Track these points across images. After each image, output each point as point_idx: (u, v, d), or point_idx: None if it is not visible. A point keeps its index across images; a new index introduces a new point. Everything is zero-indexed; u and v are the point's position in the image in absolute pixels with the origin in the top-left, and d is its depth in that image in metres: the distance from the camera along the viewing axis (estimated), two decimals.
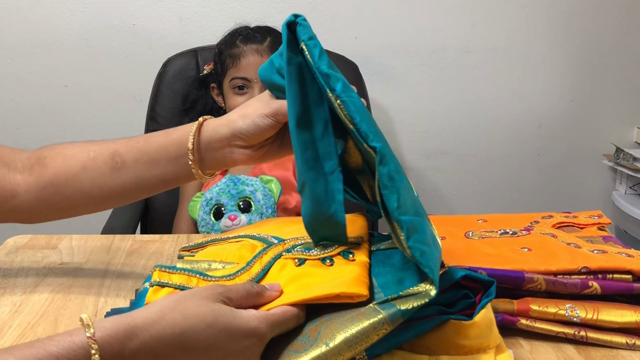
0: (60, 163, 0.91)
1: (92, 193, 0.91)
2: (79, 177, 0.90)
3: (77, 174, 0.90)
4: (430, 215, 1.17)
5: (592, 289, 0.84)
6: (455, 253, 0.93)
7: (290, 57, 0.78)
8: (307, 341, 0.67)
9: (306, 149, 0.77)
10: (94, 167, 0.90)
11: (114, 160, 0.90)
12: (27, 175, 0.92)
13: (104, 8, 2.16)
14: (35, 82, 2.20)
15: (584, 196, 2.50)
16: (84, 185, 0.91)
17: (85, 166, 0.90)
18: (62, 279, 1.03)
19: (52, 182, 0.91)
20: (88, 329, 0.60)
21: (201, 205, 1.66)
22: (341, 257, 0.78)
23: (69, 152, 0.92)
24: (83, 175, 0.90)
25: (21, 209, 0.92)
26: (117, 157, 0.90)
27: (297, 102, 0.77)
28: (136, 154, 0.90)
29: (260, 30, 1.83)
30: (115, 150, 0.90)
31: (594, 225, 1.05)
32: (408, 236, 0.69)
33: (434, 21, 2.27)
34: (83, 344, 0.59)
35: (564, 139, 2.44)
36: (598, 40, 2.35)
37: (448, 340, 0.70)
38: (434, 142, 2.39)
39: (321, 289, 0.71)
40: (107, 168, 0.90)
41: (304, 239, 0.83)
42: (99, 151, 0.91)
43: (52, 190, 0.91)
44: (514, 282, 0.84)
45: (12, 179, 0.92)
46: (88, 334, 0.60)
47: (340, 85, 0.74)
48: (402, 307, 0.66)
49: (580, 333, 0.83)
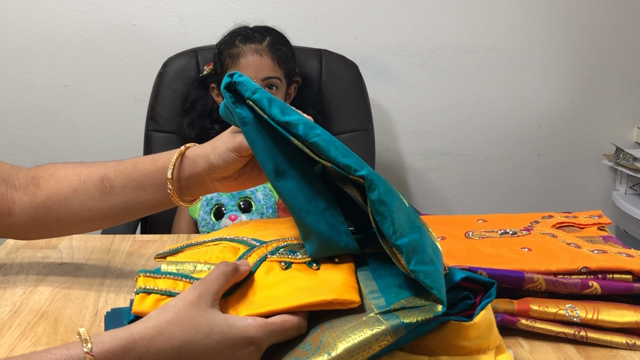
0: (53, 185, 0.94)
1: (82, 215, 0.94)
2: (70, 200, 0.93)
3: (68, 197, 0.93)
4: (430, 215, 1.20)
5: (592, 289, 0.84)
6: (455, 253, 0.92)
7: (242, 117, 0.78)
8: (308, 349, 0.67)
9: (295, 198, 0.76)
10: (84, 191, 0.93)
11: (103, 185, 0.93)
12: (23, 195, 0.95)
13: (104, 8, 2.16)
14: (35, 82, 2.20)
15: (584, 196, 2.50)
16: (75, 207, 0.94)
17: (76, 189, 0.93)
18: (63, 279, 1.03)
19: (45, 204, 0.94)
20: (85, 343, 0.61)
21: (202, 205, 1.66)
22: (326, 260, 0.78)
23: (61, 175, 0.95)
24: (74, 198, 0.93)
25: (15, 226, 0.96)
26: (106, 182, 0.93)
27: (267, 158, 0.77)
28: (124, 179, 0.92)
29: (260, 30, 1.83)
30: (104, 175, 0.93)
31: (594, 225, 1.05)
32: (409, 260, 0.68)
33: (434, 21, 2.27)
34: (80, 359, 0.60)
35: (564, 139, 2.43)
36: (598, 40, 2.35)
37: (448, 341, 0.70)
38: (434, 142, 2.39)
39: (313, 295, 0.70)
40: (96, 192, 0.93)
41: (285, 241, 0.83)
42: (89, 174, 0.94)
43: (45, 211, 0.94)
44: (514, 282, 0.84)
45: (9, 197, 0.95)
46: (85, 349, 0.60)
47: (302, 127, 0.73)
48: (405, 320, 0.66)
49: (580, 333, 0.83)
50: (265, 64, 1.76)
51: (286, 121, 0.74)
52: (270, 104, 0.76)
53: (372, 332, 0.65)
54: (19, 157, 2.24)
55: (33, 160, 2.23)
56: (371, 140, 2.03)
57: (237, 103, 0.79)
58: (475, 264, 0.85)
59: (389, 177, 2.23)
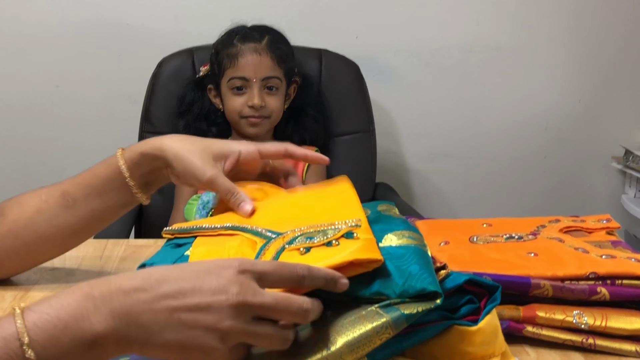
0: (16, 210, 0.94)
1: (49, 234, 0.94)
2: (35, 221, 0.93)
3: (32, 218, 0.93)
4: (433, 219, 1.21)
5: (601, 295, 0.83)
6: (460, 258, 0.92)
7: None
8: (306, 344, 0.66)
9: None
10: (47, 209, 0.93)
11: (65, 200, 0.93)
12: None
13: (97, 6, 2.16)
14: (26, 82, 2.20)
15: (592, 200, 2.50)
16: (41, 227, 0.93)
17: (39, 209, 0.93)
18: (54, 285, 1.02)
19: (11, 230, 0.93)
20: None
21: (197, 208, 1.66)
22: (345, 239, 0.76)
23: (22, 200, 0.95)
24: (38, 218, 0.93)
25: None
26: (67, 196, 0.93)
27: None
28: (85, 189, 0.93)
29: (258, 29, 1.85)
30: (64, 190, 0.93)
31: (603, 229, 1.04)
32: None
33: (437, 20, 2.27)
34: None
35: (571, 141, 2.43)
36: (606, 39, 2.35)
37: (452, 346, 0.70)
38: (438, 144, 2.39)
39: (333, 259, 0.69)
40: (59, 208, 0.93)
41: (301, 230, 0.80)
42: (49, 194, 0.94)
43: (12, 238, 0.93)
44: (520, 288, 0.83)
45: None
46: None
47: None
48: (406, 312, 0.65)
49: (588, 340, 0.82)
50: (264, 63, 1.77)
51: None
52: None
53: (373, 325, 0.65)
54: (9, 158, 2.24)
55: (24, 162, 2.24)
56: (372, 142, 2.06)
57: None
58: (480, 270, 0.84)
59: (390, 180, 2.26)
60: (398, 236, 0.78)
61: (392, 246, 0.76)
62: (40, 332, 0.55)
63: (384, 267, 0.71)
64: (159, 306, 0.58)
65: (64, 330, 0.55)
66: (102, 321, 0.57)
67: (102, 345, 0.57)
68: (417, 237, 0.79)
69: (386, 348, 0.67)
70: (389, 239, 0.78)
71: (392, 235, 0.79)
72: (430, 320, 0.69)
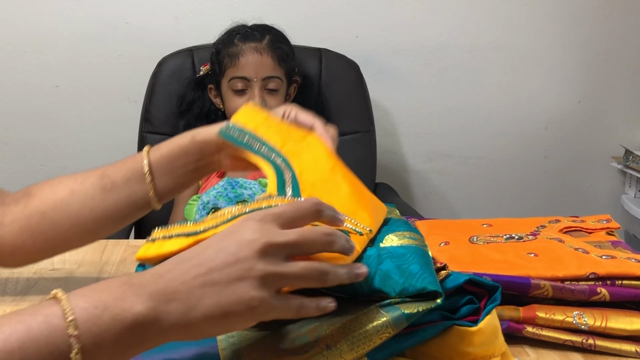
0: (47, 190, 0.89)
1: (81, 217, 0.88)
2: (68, 201, 0.88)
3: (65, 199, 0.88)
4: (433, 219, 1.20)
5: (601, 296, 0.84)
6: (460, 258, 0.92)
7: None
8: (306, 342, 0.66)
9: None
10: (83, 190, 0.88)
11: (103, 182, 0.88)
12: (14, 207, 0.89)
13: (97, 6, 2.15)
14: (26, 82, 2.18)
15: (592, 200, 2.50)
16: (73, 208, 0.88)
17: (73, 190, 0.88)
18: (54, 285, 1.01)
19: (39, 209, 0.88)
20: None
21: (198, 208, 1.64)
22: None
23: (55, 181, 0.90)
24: (71, 199, 0.88)
25: (4, 240, 0.88)
26: (106, 179, 0.88)
27: None
28: (126, 172, 0.89)
29: (259, 29, 1.83)
30: (103, 172, 0.89)
31: (603, 229, 1.04)
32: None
33: (437, 19, 2.26)
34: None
35: (571, 141, 2.43)
36: (606, 39, 2.34)
37: (452, 347, 0.70)
38: (437, 144, 2.38)
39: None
40: (96, 190, 0.88)
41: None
42: (86, 175, 0.89)
43: (39, 218, 0.88)
44: (520, 289, 0.84)
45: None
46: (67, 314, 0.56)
47: None
48: (406, 311, 0.66)
49: (588, 341, 0.83)
50: (265, 62, 1.76)
51: None
52: None
53: (373, 324, 0.65)
54: (8, 158, 2.23)
55: (23, 162, 2.23)
56: (372, 142, 2.05)
57: None
58: (480, 270, 0.85)
59: (390, 181, 2.26)
60: (399, 236, 0.78)
61: (393, 246, 0.76)
62: (83, 312, 0.55)
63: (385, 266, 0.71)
64: (191, 277, 0.59)
65: (105, 310, 0.55)
66: (142, 302, 0.57)
67: (143, 325, 0.57)
68: (418, 238, 0.79)
69: (386, 348, 0.67)
70: (390, 239, 0.78)
71: (393, 235, 0.79)
72: (430, 321, 0.69)
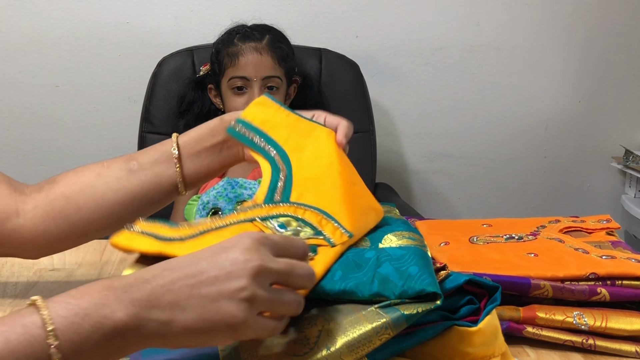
0: (72, 176, 0.88)
1: (106, 199, 0.86)
2: (93, 184, 0.87)
3: (90, 182, 0.87)
4: (433, 220, 1.21)
5: (601, 296, 0.84)
6: (460, 259, 0.92)
7: None
8: (306, 344, 0.66)
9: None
10: (109, 173, 0.87)
11: (130, 165, 0.88)
12: (36, 194, 0.87)
13: (97, 6, 2.15)
14: (26, 82, 2.18)
15: (592, 200, 2.50)
16: (99, 191, 0.87)
17: (99, 173, 0.87)
18: (54, 285, 1.01)
19: (64, 193, 0.87)
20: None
21: (197, 209, 1.63)
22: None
23: (80, 168, 0.89)
24: (97, 181, 0.87)
25: (24, 229, 0.86)
26: (133, 161, 0.88)
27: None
28: (152, 155, 0.89)
29: (258, 28, 1.83)
30: (130, 156, 0.89)
31: (603, 230, 1.04)
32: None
33: (437, 19, 2.26)
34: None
35: (571, 141, 2.43)
36: (606, 39, 2.34)
37: (452, 347, 0.70)
38: (437, 144, 2.38)
39: None
40: (123, 172, 0.87)
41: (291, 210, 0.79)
42: (112, 160, 0.89)
43: (63, 202, 0.86)
44: (520, 289, 0.84)
45: (17, 198, 0.87)
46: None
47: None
48: (405, 312, 0.66)
49: (588, 341, 0.83)
50: (265, 62, 1.76)
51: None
52: None
53: (372, 325, 0.65)
54: (8, 159, 2.22)
55: (23, 163, 2.22)
56: (372, 142, 2.05)
57: None
58: (480, 270, 0.85)
59: (390, 181, 2.25)
60: (398, 237, 0.78)
61: (392, 247, 0.76)
62: (62, 320, 0.53)
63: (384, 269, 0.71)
64: (178, 286, 0.57)
65: (85, 317, 0.54)
66: (122, 309, 0.55)
67: (123, 333, 0.56)
68: (417, 238, 0.79)
69: (386, 348, 0.67)
70: (388, 239, 0.78)
71: (392, 235, 0.79)
72: (430, 321, 0.69)
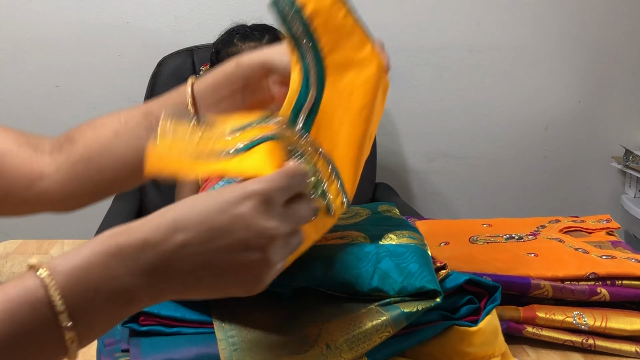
0: (90, 134, 0.84)
1: (128, 159, 0.82)
2: (112, 144, 0.82)
3: (109, 142, 0.82)
4: (433, 220, 1.20)
5: (601, 296, 0.84)
6: (460, 258, 0.92)
7: None
8: (306, 342, 0.66)
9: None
10: (127, 131, 0.82)
11: (149, 120, 0.82)
12: (57, 155, 0.85)
13: (97, 6, 2.14)
14: (26, 82, 2.18)
15: (592, 200, 2.50)
16: (119, 151, 0.82)
17: (117, 132, 0.83)
18: None
19: (84, 156, 0.83)
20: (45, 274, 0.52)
21: None
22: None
23: (97, 123, 0.85)
24: (116, 141, 0.82)
25: (51, 190, 0.84)
26: (151, 116, 0.82)
27: None
28: (171, 107, 0.83)
29: (258, 28, 1.83)
30: (147, 110, 0.83)
31: (603, 230, 1.04)
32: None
33: (438, 19, 2.26)
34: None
35: (571, 141, 2.43)
36: (606, 39, 2.34)
37: (452, 347, 0.70)
38: (437, 144, 2.38)
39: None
40: (141, 130, 0.82)
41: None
42: (129, 115, 0.83)
43: (85, 165, 0.83)
44: (520, 289, 0.84)
45: (39, 160, 0.85)
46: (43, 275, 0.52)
47: None
48: (405, 310, 0.66)
49: (588, 341, 0.83)
50: None
51: None
52: None
53: (372, 323, 0.65)
54: None
55: None
56: (372, 142, 1.99)
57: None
58: (480, 270, 0.85)
59: (390, 181, 2.24)
60: (398, 235, 0.78)
61: (392, 244, 0.76)
62: (63, 277, 0.51)
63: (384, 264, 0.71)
64: (190, 253, 0.54)
65: (97, 293, 0.52)
66: (134, 281, 0.53)
67: (138, 302, 0.54)
68: (417, 237, 0.79)
69: (386, 348, 0.67)
70: (389, 237, 0.78)
71: (392, 234, 0.79)
72: (430, 321, 0.69)
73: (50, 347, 0.52)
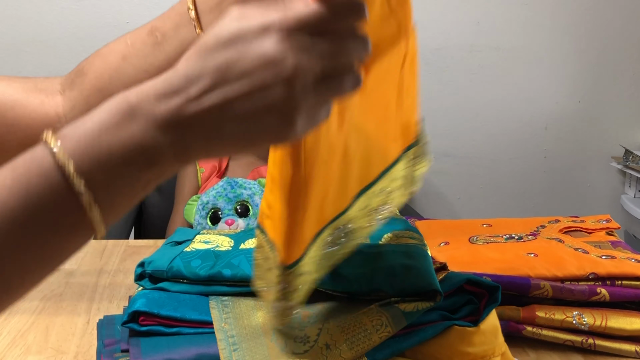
0: (99, 63, 0.81)
1: (139, 81, 0.80)
2: (122, 70, 0.80)
3: (118, 67, 0.80)
4: (433, 220, 1.21)
5: (601, 296, 0.84)
6: (460, 259, 0.92)
7: None
8: (306, 342, 0.66)
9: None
10: (135, 53, 0.80)
11: (154, 36, 0.79)
12: (69, 92, 0.83)
13: (97, 6, 2.15)
14: None
15: (591, 200, 2.49)
16: (129, 75, 0.80)
17: (125, 55, 0.80)
18: (53, 286, 1.01)
19: (96, 86, 0.81)
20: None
21: (197, 209, 1.64)
22: None
23: (104, 50, 0.82)
24: (125, 65, 0.80)
25: None
26: (156, 32, 0.79)
27: None
28: (174, 18, 0.79)
29: None
30: (151, 27, 0.80)
31: (602, 230, 1.04)
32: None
33: (437, 19, 2.26)
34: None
35: (571, 141, 2.43)
36: (606, 38, 2.34)
37: (452, 347, 0.70)
38: (437, 144, 2.37)
39: None
40: (148, 48, 0.79)
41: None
42: (135, 35, 0.79)
43: (98, 96, 0.80)
44: (519, 289, 0.84)
45: (52, 103, 0.82)
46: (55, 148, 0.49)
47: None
48: (405, 310, 0.66)
49: (588, 341, 0.83)
50: None
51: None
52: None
53: (372, 323, 0.66)
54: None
55: None
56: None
57: None
58: (480, 270, 0.85)
59: None
60: (398, 235, 0.78)
61: (391, 244, 0.76)
62: (73, 144, 0.49)
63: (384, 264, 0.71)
64: (208, 105, 0.50)
65: (110, 155, 0.49)
66: (149, 138, 0.49)
67: (161, 162, 0.50)
68: (417, 237, 0.79)
69: (386, 348, 0.67)
70: (388, 237, 0.78)
71: (392, 234, 0.79)
72: (430, 321, 0.69)
73: (72, 221, 0.50)
